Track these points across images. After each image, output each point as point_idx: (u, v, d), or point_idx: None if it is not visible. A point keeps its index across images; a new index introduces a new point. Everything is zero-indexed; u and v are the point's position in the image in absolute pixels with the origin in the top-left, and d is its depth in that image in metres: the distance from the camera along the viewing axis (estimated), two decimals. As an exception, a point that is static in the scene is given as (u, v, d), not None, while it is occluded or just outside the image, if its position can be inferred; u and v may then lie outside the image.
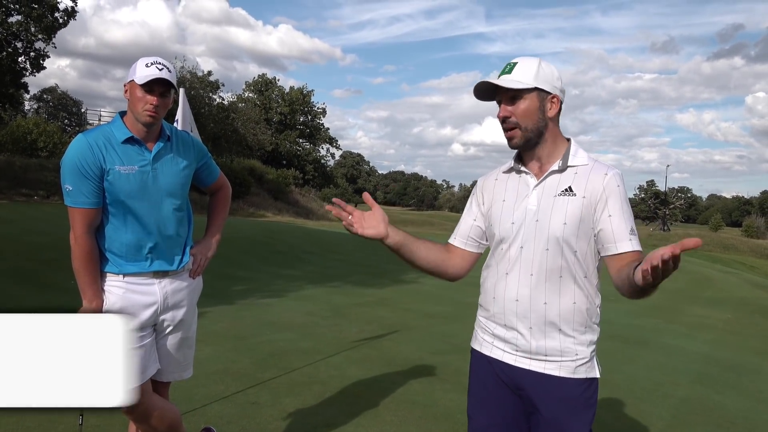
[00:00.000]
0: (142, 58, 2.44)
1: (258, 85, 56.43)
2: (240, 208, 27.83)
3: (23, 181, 20.70)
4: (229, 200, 2.94)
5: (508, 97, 1.91)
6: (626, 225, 1.85)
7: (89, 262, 2.41)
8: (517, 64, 1.92)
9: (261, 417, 3.84)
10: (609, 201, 1.86)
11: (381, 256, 14.71)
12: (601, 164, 1.93)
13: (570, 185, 1.89)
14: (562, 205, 1.88)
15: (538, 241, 1.89)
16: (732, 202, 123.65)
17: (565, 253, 1.88)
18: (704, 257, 25.48)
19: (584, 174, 1.90)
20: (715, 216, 62.08)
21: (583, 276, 1.90)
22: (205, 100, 35.25)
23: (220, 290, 8.28)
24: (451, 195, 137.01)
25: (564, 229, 1.86)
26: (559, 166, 1.92)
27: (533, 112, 1.90)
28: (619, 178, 1.89)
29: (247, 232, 15.47)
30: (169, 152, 2.52)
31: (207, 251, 2.75)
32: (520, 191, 1.97)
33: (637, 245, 1.85)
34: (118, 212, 2.43)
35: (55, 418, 3.46)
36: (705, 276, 15.45)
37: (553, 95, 1.92)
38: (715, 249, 34.67)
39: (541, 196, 1.92)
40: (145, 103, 2.38)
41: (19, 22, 20.97)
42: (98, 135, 2.41)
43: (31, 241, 10.21)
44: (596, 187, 1.87)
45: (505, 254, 1.96)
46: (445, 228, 37.22)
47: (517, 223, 1.93)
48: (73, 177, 2.35)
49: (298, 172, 49.44)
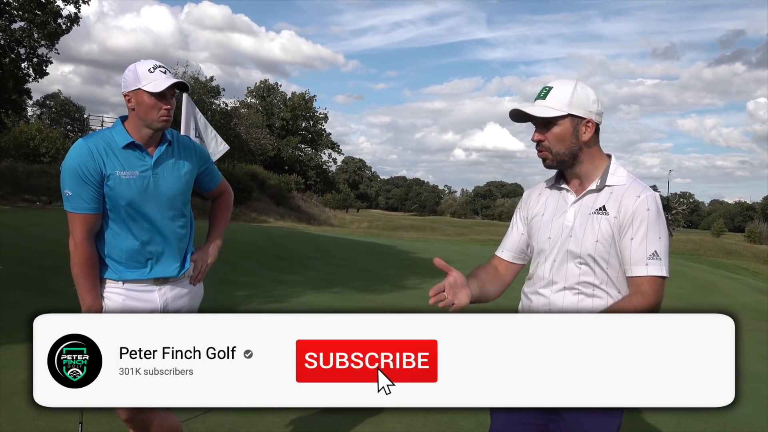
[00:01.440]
0: (140, 64, 2.39)
1: (260, 90, 56.61)
2: (242, 214, 27.85)
3: (26, 187, 20.74)
4: (231, 206, 2.91)
5: (542, 123, 1.93)
6: (647, 250, 1.86)
7: (89, 268, 2.39)
8: (553, 88, 1.93)
9: (263, 424, 3.81)
10: (634, 224, 1.88)
11: (383, 261, 14.70)
12: (638, 185, 1.95)
13: (604, 204, 1.93)
14: (595, 223, 1.92)
15: (570, 257, 1.94)
16: (734, 207, 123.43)
17: (597, 271, 1.92)
18: (707, 263, 25.41)
19: (619, 194, 1.93)
20: (718, 221, 62.04)
21: (617, 293, 1.93)
22: (207, 106, 35.34)
23: (222, 296, 8.25)
24: (453, 200, 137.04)
25: (596, 246, 1.91)
26: (597, 185, 1.96)
27: (566, 138, 1.92)
28: (652, 201, 1.90)
29: (249, 237, 15.47)
30: (170, 157, 2.49)
31: (208, 257, 2.72)
32: (558, 207, 2.02)
33: (655, 270, 1.86)
34: (119, 218, 2.41)
35: (55, 426, 3.44)
36: (708, 282, 15.40)
37: (588, 120, 1.93)
38: (718, 255, 34.56)
39: (578, 213, 1.96)
40: (159, 110, 2.36)
41: (22, 29, 21.05)
42: (98, 140, 2.38)
43: (33, 247, 10.21)
44: (627, 208, 1.90)
45: (542, 267, 2.01)
46: (446, 233, 37.20)
47: (554, 238, 1.98)
48: (73, 182, 2.33)
49: (300, 177, 49.54)
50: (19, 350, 4.94)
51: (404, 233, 35.01)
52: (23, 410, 3.76)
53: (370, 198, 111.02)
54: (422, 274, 12.43)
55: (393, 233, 33.87)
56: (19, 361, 4.71)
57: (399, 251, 17.70)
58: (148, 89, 2.32)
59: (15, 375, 4.46)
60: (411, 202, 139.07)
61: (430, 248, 19.85)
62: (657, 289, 1.87)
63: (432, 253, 17.50)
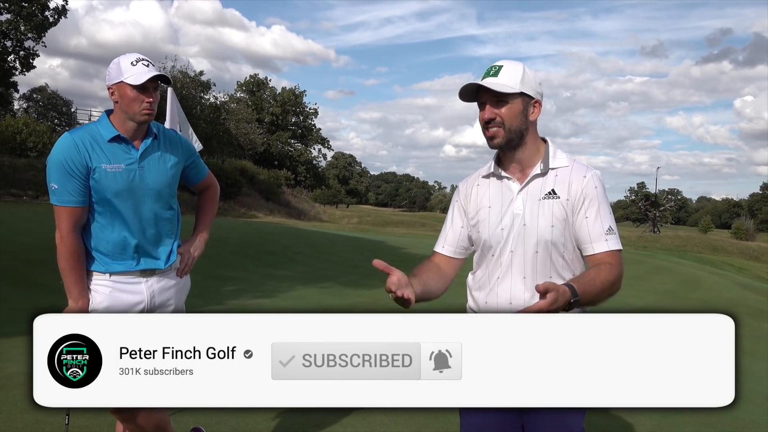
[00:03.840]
0: (123, 57, 2.41)
1: (250, 85, 56.33)
2: (231, 209, 27.73)
3: (12, 181, 20.54)
4: (217, 199, 2.92)
5: (494, 100, 1.92)
6: (603, 226, 1.90)
7: (75, 261, 2.40)
8: (503, 67, 1.94)
9: (251, 417, 3.80)
10: (586, 202, 1.91)
11: (373, 257, 14.66)
12: (581, 165, 1.98)
13: (553, 188, 1.94)
14: (548, 208, 1.92)
15: (527, 245, 1.93)
16: (721, 204, 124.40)
17: (554, 256, 1.92)
18: (694, 259, 25.64)
19: (565, 176, 1.95)
20: (705, 218, 62.52)
21: (572, 276, 1.94)
22: (196, 100, 35.12)
23: (211, 290, 8.23)
24: (443, 196, 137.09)
25: (552, 231, 1.91)
26: (541, 169, 1.96)
27: (517, 116, 1.93)
28: (598, 180, 1.94)
29: (238, 232, 15.42)
30: (156, 150, 2.50)
31: (195, 250, 2.73)
32: (504, 196, 1.99)
33: (614, 244, 1.91)
34: (105, 211, 2.42)
35: (42, 419, 3.42)
36: (694, 277, 15.53)
37: (536, 100, 1.95)
38: (705, 251, 34.86)
39: (526, 200, 1.95)
40: (141, 103, 2.37)
41: (8, 21, 20.81)
42: (84, 133, 2.39)
43: (19, 242, 10.12)
44: (577, 189, 1.92)
45: (496, 260, 1.98)
46: (435, 229, 37.15)
47: (506, 229, 1.95)
48: (58, 175, 2.34)
49: (290, 172, 49.43)
50: (5, 345, 4.90)
51: (394, 229, 35.05)
52: (8, 404, 3.74)
53: (360, 194, 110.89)
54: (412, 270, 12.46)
55: (383, 229, 33.89)
56: (6, 355, 4.68)
57: (388, 247, 17.72)
58: (130, 81, 2.33)
59: (1, 369, 4.43)
60: (401, 197, 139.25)
61: (419, 244, 19.87)
62: (619, 261, 1.91)
63: (421, 248, 17.52)
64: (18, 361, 4.51)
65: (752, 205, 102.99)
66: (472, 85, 1.94)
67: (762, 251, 36.60)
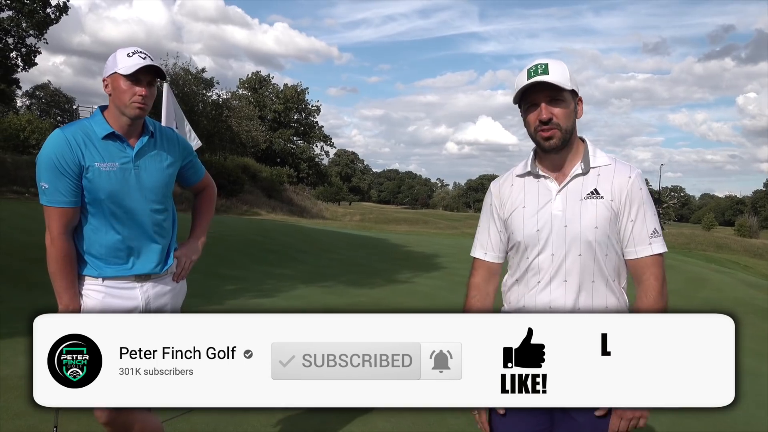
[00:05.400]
0: (121, 49, 2.30)
1: (252, 82, 56.25)
2: (233, 206, 27.71)
3: (14, 178, 20.51)
4: (215, 200, 2.82)
5: (549, 99, 1.83)
6: (648, 228, 1.84)
7: (66, 264, 2.29)
8: (549, 65, 1.84)
9: (249, 423, 3.74)
10: (633, 205, 1.84)
11: (375, 255, 14.63)
12: (623, 164, 1.90)
13: (595, 188, 1.85)
14: (591, 208, 1.84)
15: (569, 247, 1.84)
16: (725, 201, 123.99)
17: (598, 258, 1.84)
18: (698, 257, 25.51)
19: (608, 175, 1.87)
20: (708, 215, 62.13)
21: (614, 279, 1.88)
22: (198, 97, 35.05)
23: (211, 290, 8.17)
24: (446, 193, 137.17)
25: (596, 233, 1.83)
26: (582, 168, 1.88)
27: (570, 114, 1.86)
28: (642, 180, 1.88)
29: (239, 230, 15.37)
30: (152, 149, 2.39)
31: (192, 254, 2.61)
32: (541, 196, 1.90)
33: (659, 248, 1.85)
34: (98, 212, 2.30)
35: (34, 424, 3.35)
36: (700, 276, 15.42)
37: (580, 97, 1.89)
38: (709, 248, 34.70)
39: (566, 200, 1.86)
40: (132, 95, 2.24)
41: (10, 18, 20.74)
42: (77, 130, 2.27)
43: (19, 239, 10.06)
44: (622, 189, 1.85)
45: (533, 263, 1.89)
46: (438, 226, 37.16)
47: (544, 230, 1.86)
48: (49, 174, 2.22)
49: (292, 170, 49.39)
50: (1, 345, 4.84)
51: (396, 226, 34.99)
52: (0, 409, 3.66)
53: (363, 191, 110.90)
54: (414, 268, 12.38)
55: (385, 226, 33.83)
56: (1, 356, 4.62)
57: (391, 245, 17.63)
58: (122, 72, 2.23)
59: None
60: (403, 195, 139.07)
61: (422, 242, 19.80)
62: (662, 265, 1.87)
63: (424, 246, 17.46)
64: (11, 362, 4.44)
65: (756, 202, 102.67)
66: (537, 83, 1.81)
67: (767, 249, 36.43)
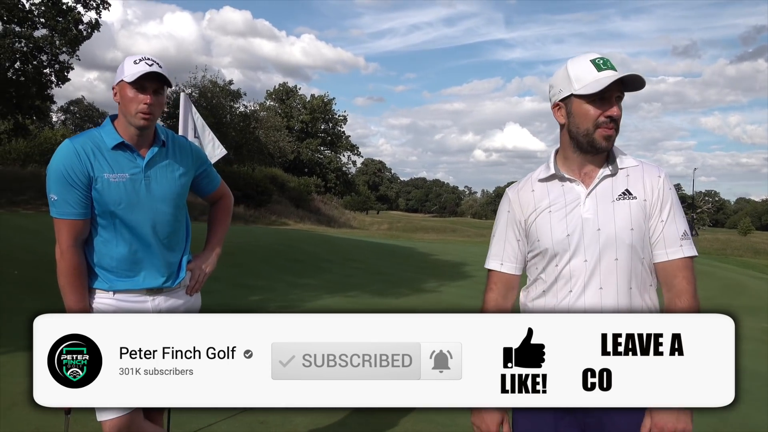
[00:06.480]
0: (129, 56, 2.24)
1: (279, 93, 56.93)
2: (262, 217, 27.97)
3: (49, 192, 21.02)
4: (231, 210, 2.73)
5: (618, 96, 1.76)
6: (678, 230, 1.76)
7: (76, 278, 2.24)
8: (608, 60, 1.78)
9: (251, 417, 3.71)
10: (663, 205, 1.77)
11: (402, 264, 14.58)
12: (650, 165, 1.83)
13: (627, 188, 1.78)
14: (624, 209, 1.76)
15: (604, 252, 1.75)
16: (762, 205, 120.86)
17: (634, 262, 1.76)
18: (735, 262, 24.84)
19: (637, 176, 1.80)
20: (744, 220, 60.64)
21: (650, 284, 1.81)
22: (226, 109, 35.58)
23: (237, 300, 8.21)
24: (474, 201, 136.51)
25: (632, 235, 1.75)
26: (610, 170, 1.80)
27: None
28: (669, 180, 1.81)
29: (266, 240, 15.49)
30: (164, 159, 2.32)
31: (206, 266, 2.52)
32: (568, 200, 1.80)
33: (689, 250, 1.77)
34: (108, 224, 2.25)
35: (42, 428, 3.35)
36: (737, 282, 14.99)
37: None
38: (746, 254, 33.75)
39: (597, 203, 1.77)
40: (138, 104, 2.18)
41: (44, 36, 21.36)
42: (86, 140, 2.22)
43: (49, 252, 10.23)
44: (653, 189, 1.78)
45: (563, 270, 1.79)
46: (466, 234, 36.92)
47: (575, 235, 1.77)
48: (58, 186, 2.18)
49: (320, 179, 49.76)
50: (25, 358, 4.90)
51: (424, 234, 34.87)
52: (23, 420, 3.63)
53: (390, 200, 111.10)
54: (441, 277, 12.29)
55: (413, 234, 33.75)
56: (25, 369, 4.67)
57: (418, 253, 17.57)
58: (127, 79, 2.18)
59: (21, 384, 4.39)
60: (431, 203, 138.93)
61: (449, 250, 19.69)
62: (693, 268, 1.78)
63: (451, 254, 17.35)
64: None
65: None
66: (628, 77, 1.74)
67: (806, 253, 35.28)
